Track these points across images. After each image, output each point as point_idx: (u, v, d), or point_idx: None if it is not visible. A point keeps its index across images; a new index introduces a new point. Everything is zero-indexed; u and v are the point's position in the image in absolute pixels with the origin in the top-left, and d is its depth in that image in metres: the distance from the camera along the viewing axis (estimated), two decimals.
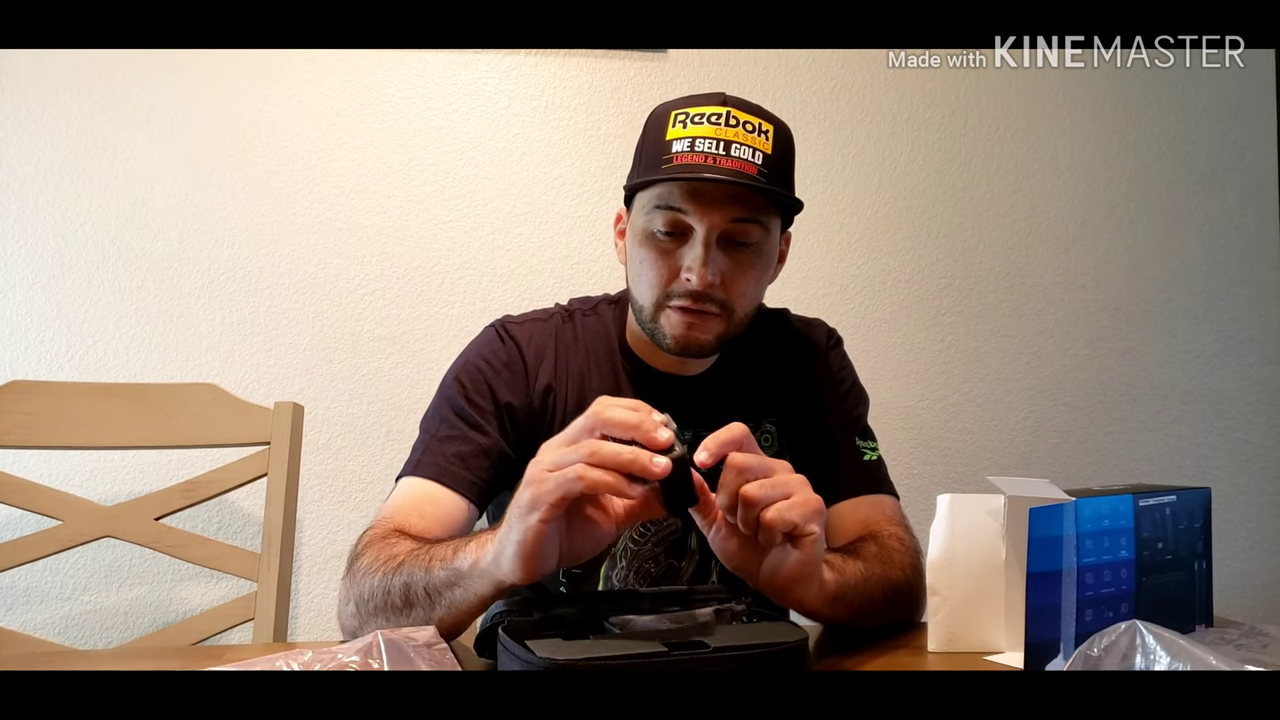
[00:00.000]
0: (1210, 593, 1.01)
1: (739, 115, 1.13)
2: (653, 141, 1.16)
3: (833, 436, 1.28)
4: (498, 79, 1.95)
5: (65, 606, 1.79)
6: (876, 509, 1.22)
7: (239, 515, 1.83)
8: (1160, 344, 2.12)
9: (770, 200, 1.14)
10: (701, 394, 1.27)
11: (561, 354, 1.27)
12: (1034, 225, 2.10)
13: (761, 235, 1.15)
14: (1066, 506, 0.86)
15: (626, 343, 1.29)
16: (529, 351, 1.25)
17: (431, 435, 1.21)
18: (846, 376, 1.34)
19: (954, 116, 2.08)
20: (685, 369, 1.26)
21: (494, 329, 1.29)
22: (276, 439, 1.54)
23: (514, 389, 1.23)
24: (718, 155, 1.10)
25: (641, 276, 1.17)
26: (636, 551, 1.24)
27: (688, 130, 1.12)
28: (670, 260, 1.14)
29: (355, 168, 1.90)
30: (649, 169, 1.14)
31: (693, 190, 1.11)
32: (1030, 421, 2.08)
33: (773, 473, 0.87)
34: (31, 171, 1.83)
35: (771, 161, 1.12)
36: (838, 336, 1.37)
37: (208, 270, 1.86)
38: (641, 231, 1.16)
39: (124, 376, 1.81)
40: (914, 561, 1.14)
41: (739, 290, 1.16)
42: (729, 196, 1.11)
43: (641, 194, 1.17)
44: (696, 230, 1.12)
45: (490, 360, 1.24)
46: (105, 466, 1.80)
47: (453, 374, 1.25)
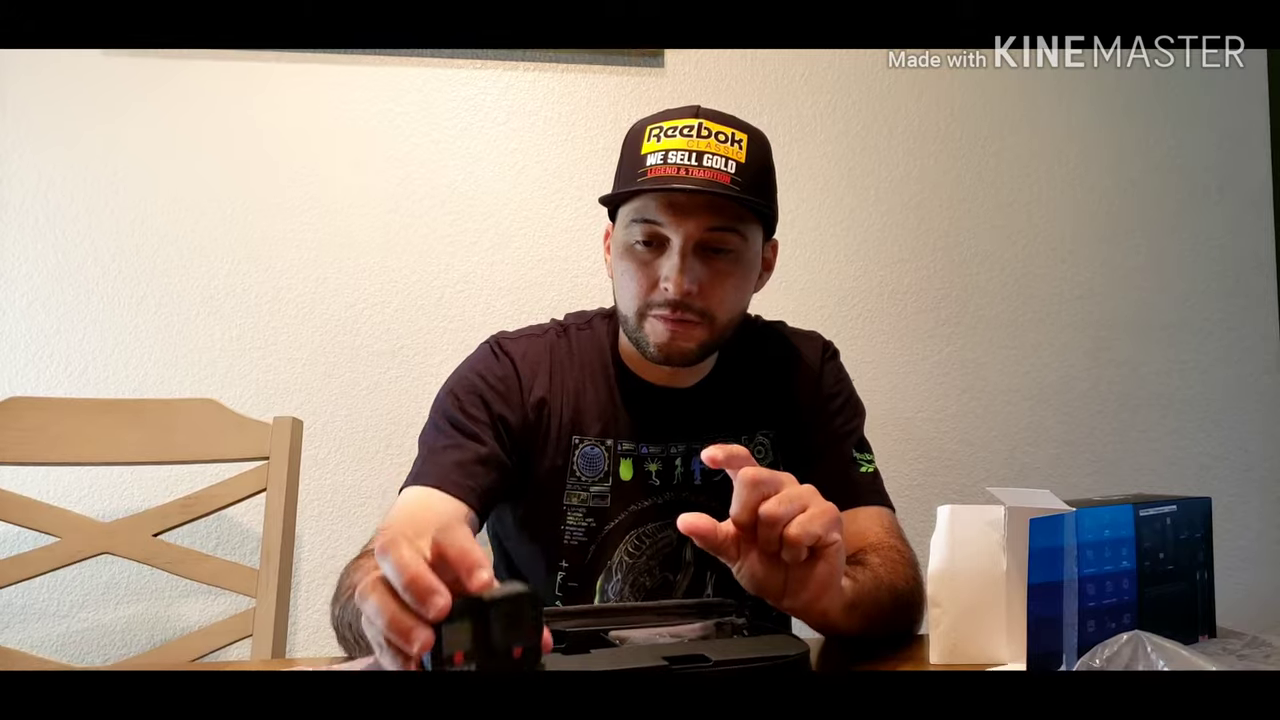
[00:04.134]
0: (1212, 603, 1.00)
1: (711, 126, 1.14)
2: (629, 157, 1.18)
3: (828, 449, 1.28)
4: (497, 94, 1.96)
5: (63, 624, 1.79)
6: (874, 521, 1.22)
7: (237, 531, 1.83)
8: (1158, 354, 2.12)
9: (744, 208, 1.15)
10: (695, 406, 1.28)
11: (556, 369, 1.28)
12: (1031, 237, 2.10)
13: (739, 243, 1.17)
14: (1067, 517, 0.86)
15: (620, 356, 1.29)
16: (523, 367, 1.26)
17: (429, 448, 1.21)
18: (842, 389, 1.34)
19: (951, 129, 2.08)
20: (678, 380, 1.27)
21: (489, 345, 1.30)
22: (275, 454, 1.53)
23: (509, 403, 1.24)
24: (690, 166, 1.12)
25: (624, 288, 1.20)
26: (632, 565, 1.24)
27: (661, 144, 1.14)
28: (649, 271, 1.17)
29: (354, 182, 1.91)
30: (625, 183, 1.17)
31: (667, 202, 1.13)
32: (1030, 432, 2.08)
33: (783, 486, 0.86)
34: (32, 188, 1.83)
35: (746, 170, 1.14)
36: (834, 349, 1.37)
37: (207, 285, 1.86)
38: (622, 244, 1.19)
39: (123, 392, 1.81)
40: (914, 573, 1.14)
41: (718, 298, 1.17)
42: (703, 206, 1.13)
43: (622, 208, 1.19)
44: (673, 240, 1.14)
45: (484, 375, 1.25)
46: (104, 482, 1.80)
47: (447, 389, 1.26)
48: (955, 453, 2.05)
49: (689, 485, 1.26)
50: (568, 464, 1.24)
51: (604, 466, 1.25)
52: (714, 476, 1.27)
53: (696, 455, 1.27)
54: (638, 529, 1.25)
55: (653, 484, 1.25)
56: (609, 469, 1.25)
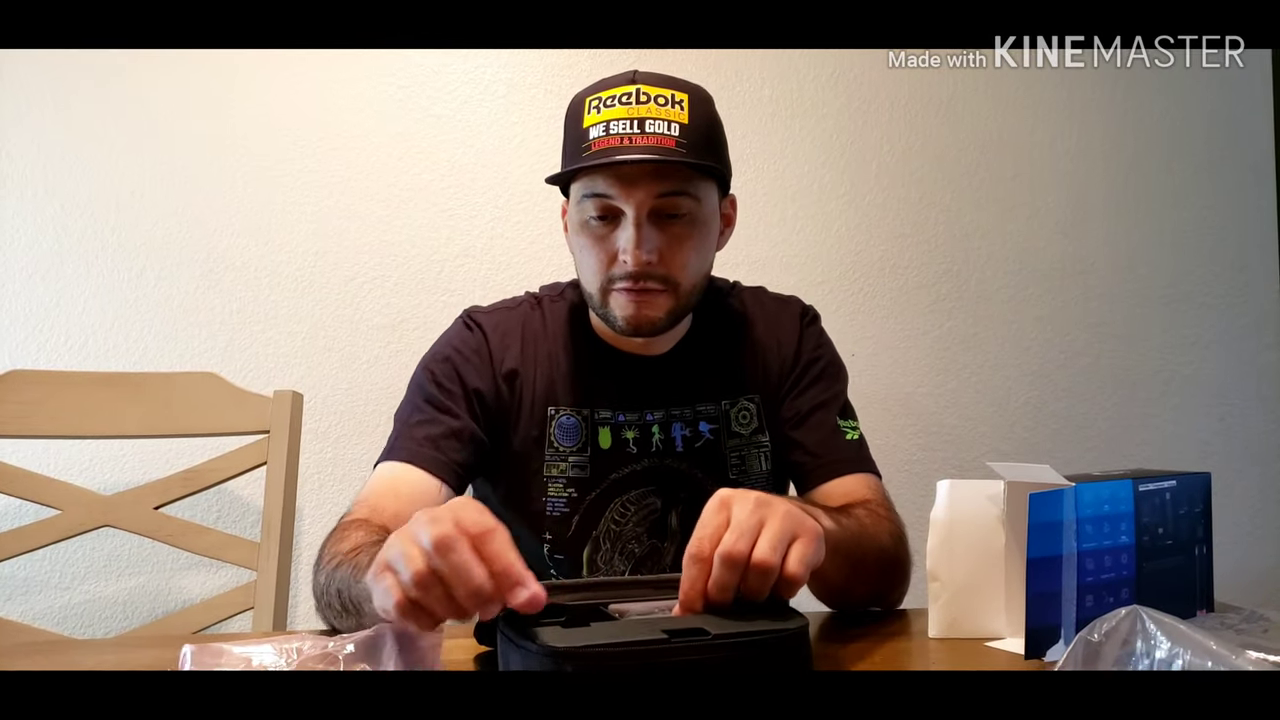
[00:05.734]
0: (1211, 578, 1.00)
1: (649, 90, 1.13)
2: (572, 132, 1.17)
3: (812, 414, 1.27)
4: (497, 67, 1.94)
5: (64, 596, 1.80)
6: (861, 486, 1.22)
7: (238, 504, 1.83)
8: (1159, 330, 2.12)
9: (693, 170, 1.14)
10: (670, 372, 1.27)
11: (529, 340, 1.28)
12: (1033, 211, 2.09)
13: (693, 205, 1.16)
14: (1066, 492, 0.86)
15: (592, 327, 1.29)
16: (494, 338, 1.27)
17: (403, 422, 1.22)
18: (824, 353, 1.32)
19: (953, 102, 2.07)
20: (651, 349, 1.27)
21: (462, 319, 1.31)
22: (276, 427, 1.54)
23: (481, 375, 1.24)
24: (632, 135, 1.11)
25: (584, 265, 1.20)
26: (619, 533, 1.25)
27: (601, 115, 1.13)
28: (606, 245, 1.16)
29: (354, 156, 1.90)
30: (570, 160, 1.16)
31: (615, 173, 1.12)
32: (1030, 407, 2.08)
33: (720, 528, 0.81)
34: (31, 161, 1.82)
35: (690, 130, 1.12)
36: (814, 313, 1.36)
37: (207, 259, 1.85)
38: (577, 221, 1.19)
39: (123, 365, 1.81)
40: (899, 534, 1.14)
41: (679, 263, 1.16)
42: (650, 174, 1.12)
43: (573, 185, 1.19)
44: (626, 212, 1.13)
45: (459, 348, 1.26)
46: (104, 456, 1.80)
47: (423, 365, 1.27)
48: (955, 428, 2.05)
49: (670, 452, 1.26)
50: (544, 435, 1.24)
51: (581, 436, 1.25)
52: (695, 443, 1.27)
53: (676, 421, 1.27)
54: (620, 497, 1.25)
55: (630, 451, 1.25)
56: (586, 438, 1.25)
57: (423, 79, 1.93)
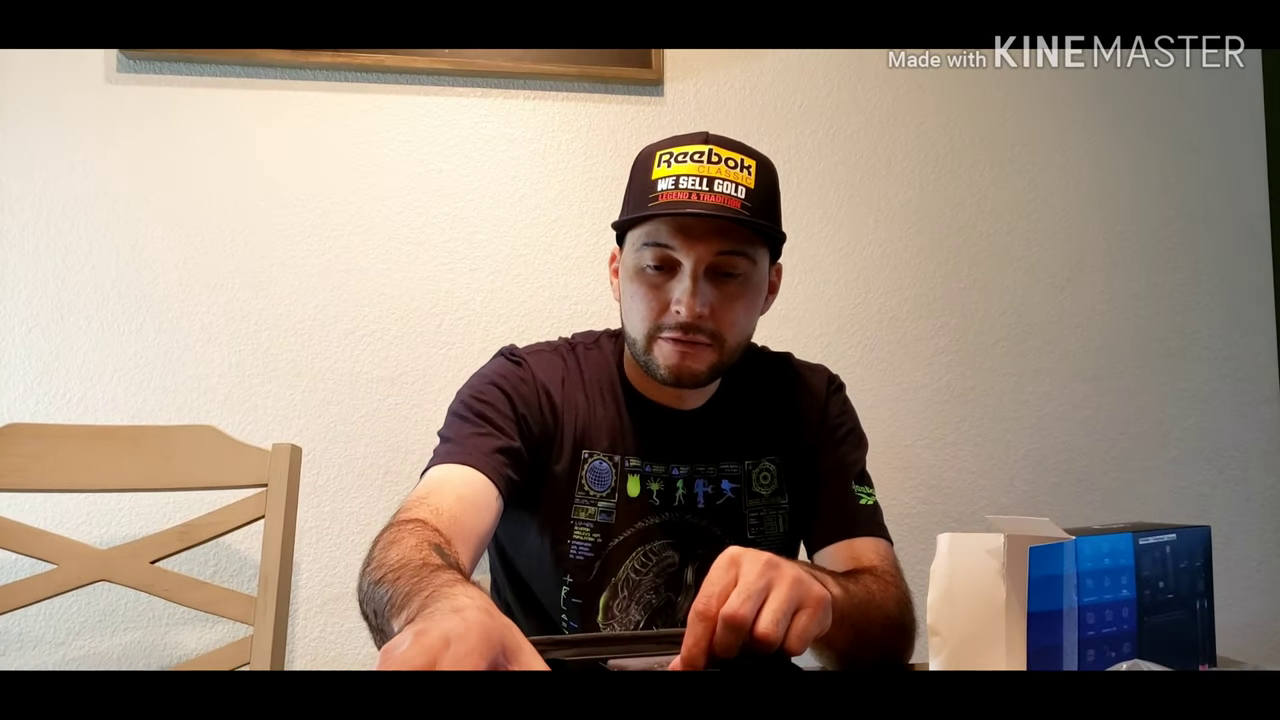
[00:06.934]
0: (1213, 632, 1.00)
1: (721, 152, 1.16)
2: (640, 181, 1.19)
3: (829, 479, 1.29)
4: (497, 122, 1.97)
5: (59, 651, 1.78)
6: (871, 549, 1.23)
7: (235, 558, 1.82)
8: (1157, 382, 2.12)
9: (754, 232, 1.16)
10: (700, 428, 1.28)
11: (567, 382, 1.29)
12: (1030, 264, 2.11)
13: (748, 267, 1.18)
14: (1066, 545, 0.86)
15: (626, 377, 1.30)
16: (538, 372, 1.27)
17: (455, 434, 1.19)
18: (846, 421, 1.35)
19: (949, 157, 2.09)
20: (683, 402, 1.28)
21: (503, 354, 1.31)
22: (274, 481, 1.53)
23: (528, 403, 1.24)
24: (701, 191, 1.13)
25: (634, 311, 1.20)
26: (638, 582, 1.25)
27: (672, 169, 1.15)
28: (660, 294, 1.17)
29: (355, 210, 1.91)
30: (636, 207, 1.18)
31: (679, 226, 1.14)
32: (1028, 460, 2.07)
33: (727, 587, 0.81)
34: (32, 215, 1.83)
35: (754, 195, 1.15)
36: (839, 382, 1.38)
37: (206, 312, 1.86)
38: (632, 268, 1.20)
39: (122, 418, 1.81)
40: (906, 604, 1.14)
41: (729, 320, 1.18)
42: (713, 230, 1.14)
43: (632, 232, 1.20)
44: (684, 264, 1.15)
45: (506, 375, 1.26)
46: (102, 509, 1.79)
47: (467, 391, 1.26)
48: (955, 480, 2.05)
49: (692, 508, 1.27)
50: (576, 476, 1.25)
51: (611, 482, 1.25)
52: (716, 500, 1.27)
53: (700, 478, 1.27)
54: (643, 547, 1.25)
55: (653, 503, 1.26)
56: (616, 484, 1.25)
57: (424, 132, 1.95)
